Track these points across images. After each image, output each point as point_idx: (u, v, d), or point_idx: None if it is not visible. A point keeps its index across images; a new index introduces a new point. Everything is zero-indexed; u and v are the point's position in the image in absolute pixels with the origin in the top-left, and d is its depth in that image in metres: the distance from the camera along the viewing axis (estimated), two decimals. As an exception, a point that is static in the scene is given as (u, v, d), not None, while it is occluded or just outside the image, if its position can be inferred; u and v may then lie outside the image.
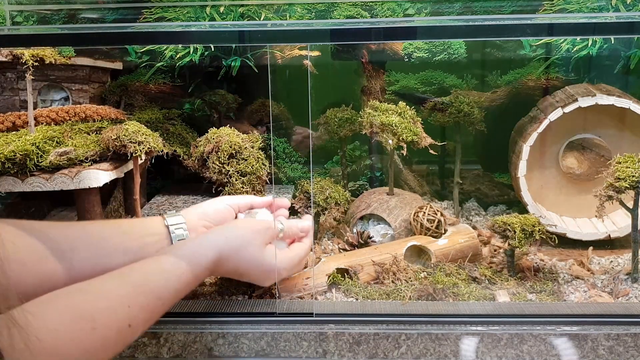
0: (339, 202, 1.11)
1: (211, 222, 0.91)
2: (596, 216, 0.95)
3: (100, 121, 1.15)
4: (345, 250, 1.08)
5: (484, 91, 1.33)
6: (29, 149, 0.96)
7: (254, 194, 1.05)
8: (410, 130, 1.12)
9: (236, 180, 1.03)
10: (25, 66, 1.01)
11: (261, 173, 1.06)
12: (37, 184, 0.96)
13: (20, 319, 0.50)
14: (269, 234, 0.85)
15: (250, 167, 1.04)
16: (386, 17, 1.25)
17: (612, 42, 1.25)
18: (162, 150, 1.03)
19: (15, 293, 0.51)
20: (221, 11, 1.24)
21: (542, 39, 1.27)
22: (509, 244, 0.96)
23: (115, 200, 1.15)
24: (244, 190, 1.04)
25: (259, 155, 1.07)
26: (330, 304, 0.89)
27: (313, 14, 1.25)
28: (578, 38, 1.24)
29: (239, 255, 0.81)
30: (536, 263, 1.02)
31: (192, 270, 0.75)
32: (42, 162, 0.97)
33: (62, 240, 0.76)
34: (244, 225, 0.87)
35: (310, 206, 1.05)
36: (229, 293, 0.91)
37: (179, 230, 0.85)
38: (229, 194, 1.03)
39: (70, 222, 0.92)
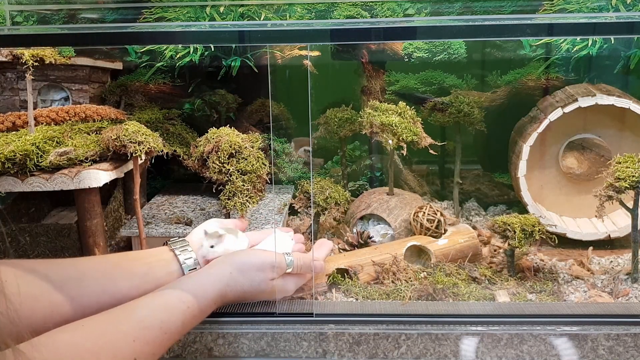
0: (339, 202, 1.11)
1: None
2: (596, 216, 0.95)
3: (100, 121, 1.15)
4: (345, 250, 1.08)
5: (484, 91, 1.33)
6: (29, 149, 0.96)
7: (255, 192, 1.05)
8: (410, 130, 1.12)
9: (237, 178, 1.03)
10: (25, 66, 1.01)
11: (262, 172, 1.06)
12: (37, 184, 0.96)
13: (27, 354, 0.50)
14: (277, 272, 0.84)
15: (250, 166, 1.04)
16: (386, 17, 1.25)
17: (612, 42, 1.25)
18: (162, 150, 1.03)
19: (26, 328, 0.51)
20: (221, 11, 1.24)
21: (542, 39, 1.26)
22: (509, 244, 0.96)
23: (115, 200, 1.15)
24: (245, 187, 1.03)
25: (259, 155, 1.07)
26: (330, 304, 0.89)
27: (313, 14, 1.25)
28: (578, 38, 1.24)
29: (244, 289, 0.81)
30: (536, 263, 1.02)
31: (199, 304, 0.74)
32: (42, 162, 0.97)
33: (71, 268, 0.75)
34: (250, 260, 0.84)
35: (310, 206, 1.05)
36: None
37: (185, 253, 0.84)
38: (230, 192, 1.03)
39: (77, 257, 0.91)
